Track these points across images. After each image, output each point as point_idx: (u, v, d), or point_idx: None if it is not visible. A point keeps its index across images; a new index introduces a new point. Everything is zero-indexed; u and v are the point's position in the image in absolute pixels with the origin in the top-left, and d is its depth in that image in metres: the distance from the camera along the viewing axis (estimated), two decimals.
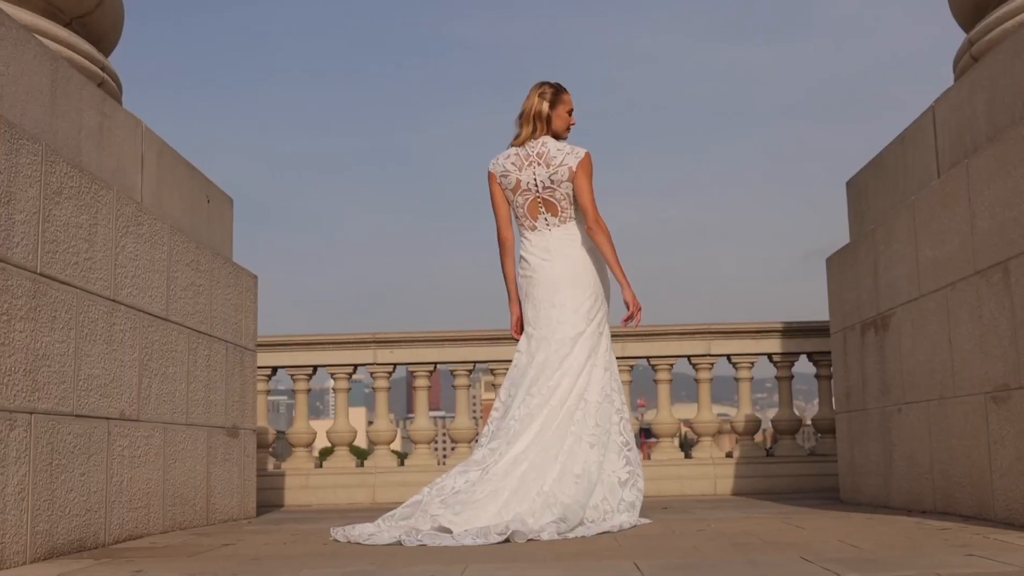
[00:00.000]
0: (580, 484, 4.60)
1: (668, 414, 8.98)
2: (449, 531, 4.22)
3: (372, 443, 9.12)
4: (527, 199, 4.96)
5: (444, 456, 10.65)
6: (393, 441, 9.13)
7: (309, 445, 9.13)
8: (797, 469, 8.70)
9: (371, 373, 9.11)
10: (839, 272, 6.73)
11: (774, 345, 8.90)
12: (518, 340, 5.16)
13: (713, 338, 8.95)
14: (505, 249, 5.10)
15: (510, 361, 8.91)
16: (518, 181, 4.96)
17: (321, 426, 9.43)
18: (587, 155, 4.94)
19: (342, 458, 9.02)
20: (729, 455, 8.94)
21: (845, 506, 6.25)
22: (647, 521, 4.91)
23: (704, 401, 9.03)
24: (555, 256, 4.96)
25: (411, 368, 9.07)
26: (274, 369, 9.14)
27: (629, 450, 4.92)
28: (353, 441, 9.16)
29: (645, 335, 8.94)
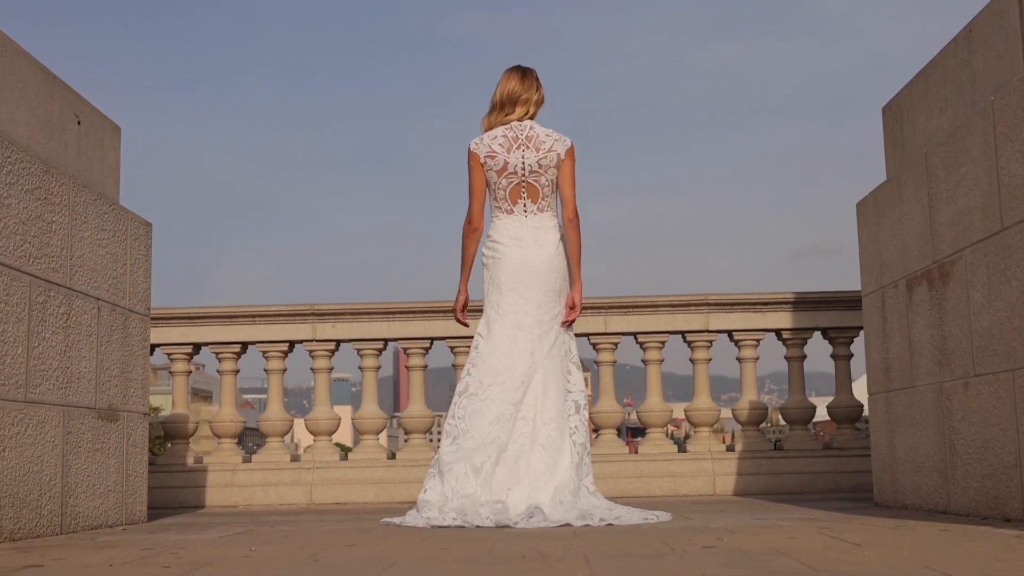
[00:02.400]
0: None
1: (659, 400, 7.62)
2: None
3: (311, 433, 7.75)
4: (511, 183, 4.84)
5: None
6: (335, 432, 7.74)
7: (236, 435, 7.75)
8: (809, 465, 7.36)
9: (309, 352, 7.73)
10: (875, 217, 5.38)
11: (783, 319, 7.56)
12: (460, 321, 5.12)
13: (712, 311, 7.60)
14: (476, 235, 4.94)
15: (471, 338, 7.61)
16: (505, 163, 4.82)
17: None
18: (572, 144, 4.90)
19: (274, 451, 7.64)
20: (731, 448, 7.58)
21: (887, 511, 4.91)
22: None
23: (701, 385, 7.67)
24: (527, 245, 4.85)
25: (357, 345, 7.70)
26: (196, 346, 7.75)
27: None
28: (287, 432, 7.78)
29: (632, 307, 7.59)
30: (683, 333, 7.64)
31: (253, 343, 7.73)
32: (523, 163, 4.81)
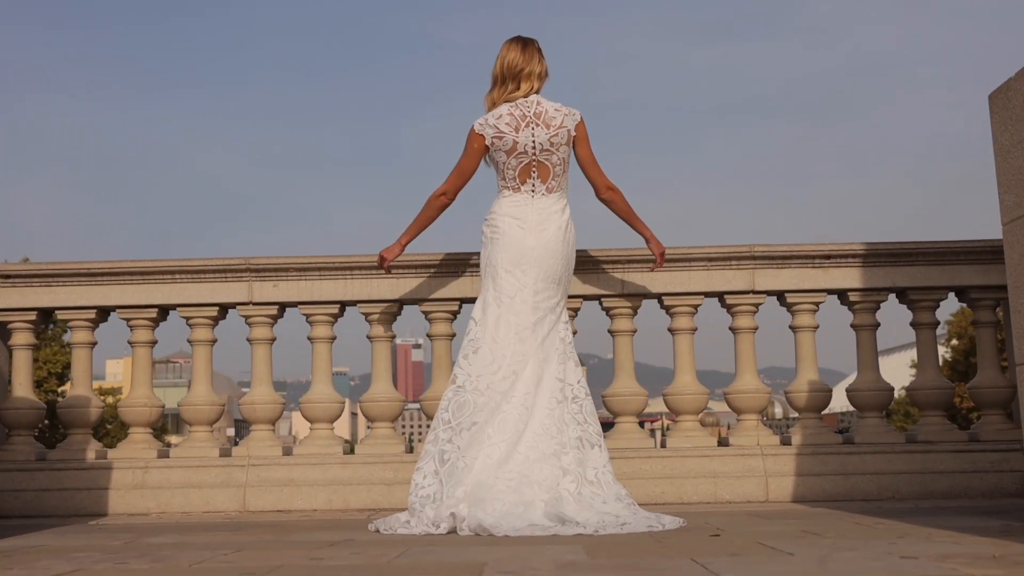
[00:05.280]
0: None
1: (691, 380, 5.92)
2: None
3: (246, 419, 6.06)
4: (521, 162, 4.68)
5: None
6: (278, 418, 6.06)
7: (150, 424, 6.07)
8: (889, 463, 5.67)
9: (246, 318, 6.04)
10: None
11: (851, 277, 5.88)
12: (382, 265, 5.08)
13: (759, 266, 5.91)
14: (442, 208, 4.86)
15: (447, 300, 5.97)
16: (515, 143, 4.67)
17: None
18: (582, 118, 4.77)
19: (199, 443, 5.95)
20: (786, 442, 5.87)
21: None
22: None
23: (745, 361, 5.95)
24: (530, 227, 4.67)
25: (306, 310, 6.01)
26: (103, 311, 6.07)
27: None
28: (215, 419, 6.09)
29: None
30: (722, 295, 5.95)
31: (173, 307, 6.05)
32: (533, 142, 4.66)
